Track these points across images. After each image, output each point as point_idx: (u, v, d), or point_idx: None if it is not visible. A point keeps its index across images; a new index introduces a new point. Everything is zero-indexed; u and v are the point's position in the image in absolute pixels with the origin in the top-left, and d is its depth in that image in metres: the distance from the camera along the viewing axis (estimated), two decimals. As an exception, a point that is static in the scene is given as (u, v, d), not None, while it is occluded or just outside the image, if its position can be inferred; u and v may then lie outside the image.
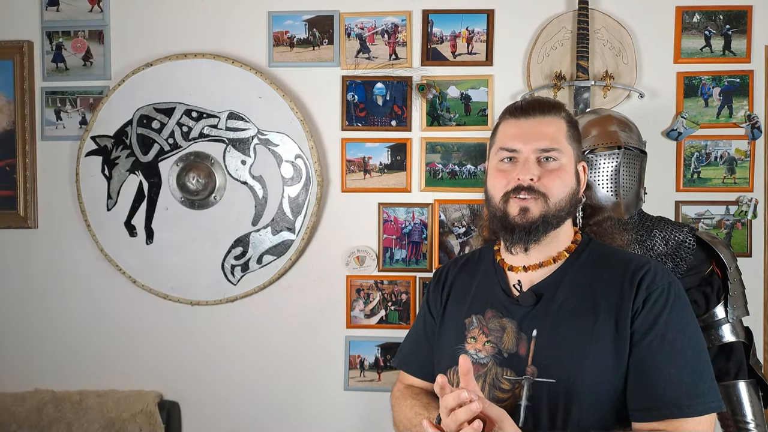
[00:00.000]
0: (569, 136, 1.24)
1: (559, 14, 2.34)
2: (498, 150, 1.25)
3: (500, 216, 1.22)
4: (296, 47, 2.44)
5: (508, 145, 1.23)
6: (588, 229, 1.34)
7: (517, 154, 1.22)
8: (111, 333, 2.52)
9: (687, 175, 2.32)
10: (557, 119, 1.24)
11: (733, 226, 2.30)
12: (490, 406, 1.02)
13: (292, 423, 2.46)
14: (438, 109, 2.39)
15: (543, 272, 1.23)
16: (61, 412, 2.41)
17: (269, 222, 2.42)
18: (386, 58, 2.41)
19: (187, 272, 2.45)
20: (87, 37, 2.51)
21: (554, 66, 2.32)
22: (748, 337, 1.84)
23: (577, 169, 1.26)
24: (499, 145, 1.25)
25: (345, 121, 2.43)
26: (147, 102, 2.44)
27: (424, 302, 1.44)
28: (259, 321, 2.46)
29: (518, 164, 1.21)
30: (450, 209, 2.40)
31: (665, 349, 1.11)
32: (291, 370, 2.45)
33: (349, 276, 2.43)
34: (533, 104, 1.25)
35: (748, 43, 2.30)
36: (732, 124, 2.31)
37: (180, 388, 2.49)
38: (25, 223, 2.53)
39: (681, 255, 1.81)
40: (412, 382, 1.42)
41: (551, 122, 1.23)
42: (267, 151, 2.41)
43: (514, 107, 1.27)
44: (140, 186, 2.46)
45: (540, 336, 1.16)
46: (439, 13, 2.39)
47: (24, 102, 2.51)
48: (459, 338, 1.25)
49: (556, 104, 1.27)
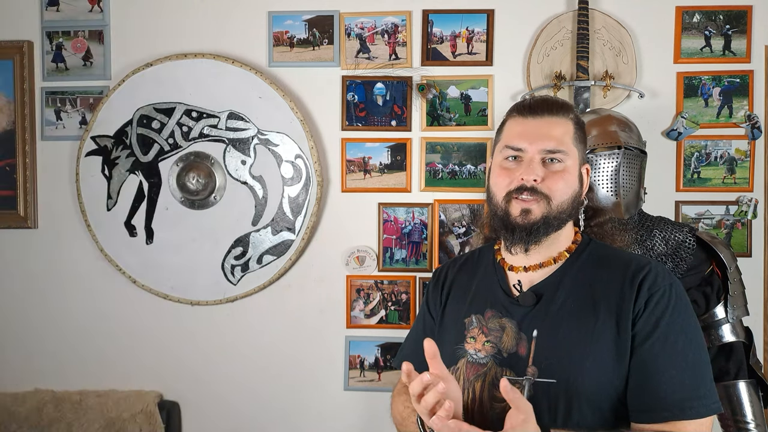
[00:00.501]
0: (575, 138, 1.23)
1: (559, 14, 2.34)
2: (503, 148, 1.23)
3: (501, 215, 1.21)
4: (296, 47, 2.44)
5: (513, 143, 1.21)
6: (589, 230, 1.34)
7: (522, 154, 1.20)
8: (111, 333, 2.52)
9: (687, 175, 2.32)
10: (565, 120, 1.23)
11: (733, 226, 2.30)
12: (520, 398, 1.02)
13: (292, 423, 2.46)
14: (438, 109, 2.39)
15: (543, 272, 1.23)
16: (61, 412, 2.41)
17: (269, 222, 2.42)
18: (386, 58, 2.41)
19: (187, 272, 2.45)
20: (87, 37, 2.51)
21: (554, 66, 2.32)
22: (748, 337, 1.84)
23: (580, 171, 1.25)
24: (505, 143, 1.23)
25: (345, 121, 2.43)
26: (147, 102, 2.44)
27: (423, 302, 1.44)
28: (259, 321, 2.46)
29: (523, 164, 1.19)
30: (450, 209, 2.40)
31: (667, 351, 1.11)
32: (291, 370, 2.45)
33: (349, 276, 2.43)
34: (542, 103, 1.24)
35: (748, 43, 2.30)
36: (732, 124, 2.31)
37: (180, 388, 2.49)
38: (25, 223, 2.53)
39: (681, 255, 1.81)
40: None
41: (559, 123, 1.22)
42: (267, 151, 2.41)
43: (522, 105, 1.25)
44: (140, 186, 2.46)
45: (540, 336, 1.16)
46: (439, 13, 2.39)
47: (24, 102, 2.51)
48: (458, 338, 1.25)
49: (565, 105, 1.25)
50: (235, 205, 2.43)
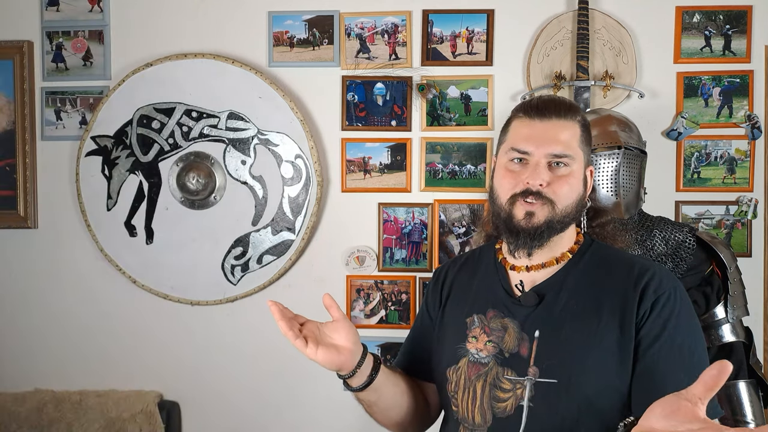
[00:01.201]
0: (582, 141, 1.21)
1: (559, 14, 2.34)
2: (509, 149, 1.21)
3: (505, 217, 1.20)
4: (296, 47, 2.44)
5: (519, 146, 1.19)
6: (591, 230, 1.33)
7: (528, 157, 1.18)
8: (111, 333, 2.52)
9: (687, 175, 2.32)
10: (572, 123, 1.20)
11: (733, 226, 2.30)
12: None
13: (292, 423, 2.46)
14: (438, 109, 2.39)
15: (545, 273, 1.22)
16: (61, 412, 2.41)
17: (269, 222, 2.42)
18: (386, 58, 2.41)
19: (187, 272, 2.45)
20: (87, 37, 2.51)
21: (554, 66, 2.32)
22: (748, 337, 1.84)
23: (585, 174, 1.23)
24: (511, 145, 1.21)
25: (345, 121, 2.43)
26: (147, 102, 2.44)
27: (423, 302, 1.44)
28: (259, 321, 2.46)
29: (528, 167, 1.18)
30: (450, 209, 2.40)
31: (674, 354, 1.10)
32: (291, 370, 2.45)
33: (349, 276, 2.43)
34: (549, 105, 1.21)
35: (748, 43, 2.30)
36: (732, 124, 2.31)
37: (180, 388, 2.49)
38: (25, 223, 2.53)
39: (681, 255, 1.81)
40: None
41: (566, 126, 1.19)
42: (267, 151, 2.41)
43: (529, 105, 1.22)
44: (140, 186, 2.46)
45: (542, 337, 1.16)
46: (439, 13, 2.39)
47: (24, 102, 2.50)
48: (460, 337, 1.25)
49: (572, 106, 1.23)
50: (235, 205, 2.43)
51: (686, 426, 0.77)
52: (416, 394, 1.34)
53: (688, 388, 0.79)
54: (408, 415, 1.32)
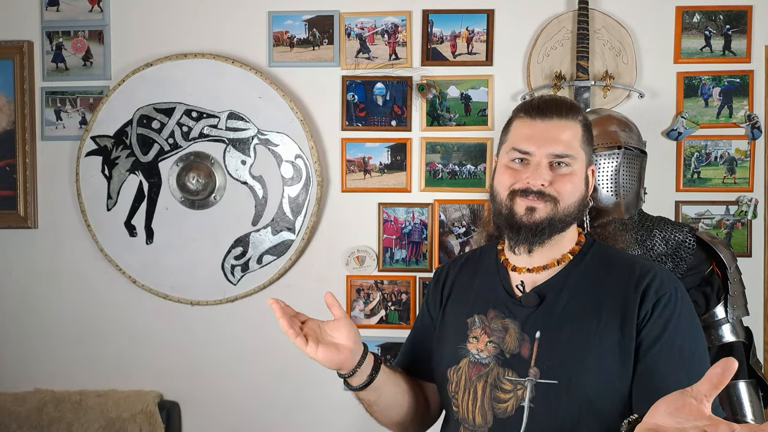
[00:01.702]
0: (583, 140, 1.21)
1: (559, 14, 2.34)
2: (510, 149, 1.21)
3: (506, 214, 1.20)
4: (296, 47, 2.44)
5: (521, 146, 1.19)
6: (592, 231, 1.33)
7: (529, 157, 1.18)
8: (111, 333, 2.52)
9: (687, 175, 2.32)
10: (574, 123, 1.20)
11: (733, 226, 2.30)
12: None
13: (293, 423, 2.46)
14: (438, 109, 2.39)
15: (546, 273, 1.22)
16: (61, 412, 2.41)
17: (269, 222, 2.42)
18: (386, 58, 2.41)
19: (187, 272, 2.45)
20: (87, 37, 2.51)
21: (554, 66, 2.32)
22: (748, 337, 1.84)
23: (587, 174, 1.23)
24: (512, 145, 1.21)
25: (345, 121, 2.43)
26: (147, 102, 2.44)
27: (423, 302, 1.44)
28: (259, 321, 2.46)
29: (530, 167, 1.18)
30: (450, 209, 2.40)
31: (675, 355, 1.10)
32: (291, 370, 2.45)
33: (349, 276, 2.43)
34: (551, 105, 1.21)
35: (748, 43, 2.30)
36: (732, 124, 2.31)
37: (180, 388, 2.49)
38: (25, 223, 2.53)
39: (681, 255, 1.81)
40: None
41: (567, 126, 1.19)
42: (267, 151, 2.41)
43: (530, 105, 1.22)
44: (140, 186, 2.46)
45: (543, 337, 1.16)
46: (439, 13, 2.39)
47: (24, 102, 2.50)
48: (461, 338, 1.25)
49: (574, 106, 1.22)
50: (235, 205, 2.43)
51: (693, 423, 0.78)
52: (417, 393, 1.34)
53: (694, 385, 0.80)
54: (408, 414, 1.32)
